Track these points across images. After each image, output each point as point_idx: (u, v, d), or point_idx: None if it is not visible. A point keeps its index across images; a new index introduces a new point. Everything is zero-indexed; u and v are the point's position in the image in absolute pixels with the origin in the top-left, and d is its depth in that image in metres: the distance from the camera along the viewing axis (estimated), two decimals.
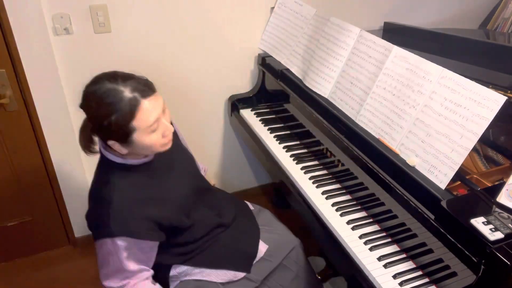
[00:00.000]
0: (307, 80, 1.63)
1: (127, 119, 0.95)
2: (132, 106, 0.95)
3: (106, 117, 0.95)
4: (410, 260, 1.18)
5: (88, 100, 0.98)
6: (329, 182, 1.49)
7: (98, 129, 1.01)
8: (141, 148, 1.03)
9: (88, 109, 0.99)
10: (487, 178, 1.17)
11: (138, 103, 0.95)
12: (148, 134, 1.00)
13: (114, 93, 0.95)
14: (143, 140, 1.00)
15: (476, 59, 1.68)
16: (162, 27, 1.75)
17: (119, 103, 0.94)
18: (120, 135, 0.98)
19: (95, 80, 0.99)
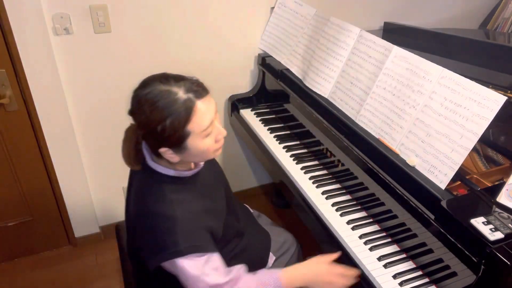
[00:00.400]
0: (307, 80, 1.63)
1: (183, 122, 0.89)
2: (188, 108, 0.89)
3: (160, 122, 0.88)
4: (410, 260, 1.18)
5: (140, 104, 0.89)
6: (329, 182, 1.49)
7: (149, 136, 0.93)
8: (194, 155, 0.97)
9: (140, 115, 0.91)
10: (487, 178, 1.17)
11: (193, 104, 0.89)
12: (202, 138, 0.94)
13: (168, 94, 0.88)
14: (197, 146, 0.94)
15: (476, 59, 1.68)
16: (162, 27, 1.75)
17: (173, 105, 0.88)
18: (174, 140, 0.91)
19: (146, 82, 0.93)
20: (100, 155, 1.93)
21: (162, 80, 0.91)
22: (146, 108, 0.89)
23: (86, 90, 1.75)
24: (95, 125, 1.84)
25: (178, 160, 0.97)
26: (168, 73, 0.95)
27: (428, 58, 1.22)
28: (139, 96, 0.91)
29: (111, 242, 2.09)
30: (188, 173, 1.03)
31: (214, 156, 1.02)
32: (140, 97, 0.91)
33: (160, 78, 0.92)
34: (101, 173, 1.99)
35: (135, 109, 0.92)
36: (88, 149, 1.89)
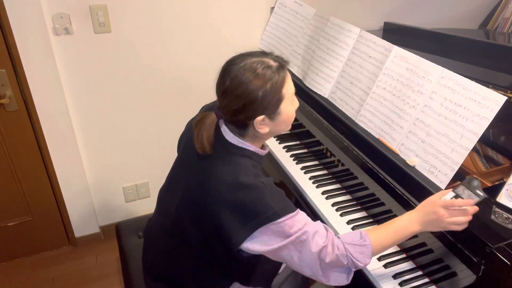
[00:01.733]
0: (307, 80, 1.63)
1: (279, 85, 0.97)
2: (281, 73, 0.98)
3: (262, 87, 0.94)
4: (410, 260, 1.18)
5: (239, 76, 0.95)
6: (329, 182, 1.49)
7: (247, 107, 0.96)
8: (282, 122, 1.03)
9: (238, 87, 0.95)
10: (487, 178, 1.17)
11: (284, 70, 0.99)
12: (290, 104, 1.02)
13: (262, 63, 0.96)
14: (287, 111, 1.01)
15: (476, 59, 1.68)
16: (162, 27, 1.75)
17: (270, 71, 0.96)
18: (273, 104, 0.97)
19: (234, 59, 1.00)
20: (100, 155, 1.93)
21: (251, 54, 1.00)
22: (246, 77, 0.94)
23: (86, 90, 1.75)
24: (95, 125, 1.84)
25: (267, 131, 1.01)
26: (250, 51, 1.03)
27: (428, 58, 1.22)
28: (234, 70, 0.96)
29: (111, 242, 2.09)
30: (262, 151, 1.08)
31: (288, 129, 1.09)
32: (236, 71, 0.96)
33: (247, 53, 1.01)
34: (101, 173, 1.99)
35: (231, 84, 0.96)
36: (88, 149, 1.89)
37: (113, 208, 2.12)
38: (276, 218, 0.94)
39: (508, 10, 2.24)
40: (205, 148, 1.01)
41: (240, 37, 1.93)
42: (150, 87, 1.85)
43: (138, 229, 1.55)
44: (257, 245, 0.97)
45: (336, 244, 0.97)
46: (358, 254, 0.97)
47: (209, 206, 1.00)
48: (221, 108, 1.01)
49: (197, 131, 1.03)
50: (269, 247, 0.96)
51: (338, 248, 0.97)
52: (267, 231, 0.95)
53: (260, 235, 0.96)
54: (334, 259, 0.96)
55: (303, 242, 0.96)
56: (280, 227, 0.95)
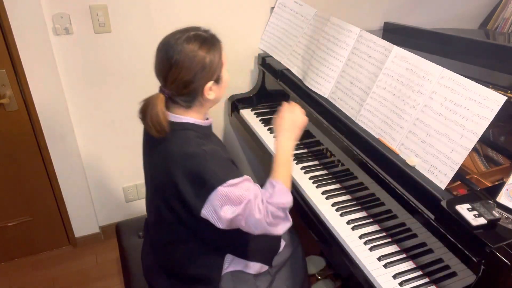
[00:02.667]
0: (307, 80, 1.63)
1: (220, 52, 1.08)
2: (217, 40, 1.09)
3: (207, 55, 1.04)
4: (410, 260, 1.17)
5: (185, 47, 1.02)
6: (329, 182, 1.49)
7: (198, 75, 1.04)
8: (223, 88, 1.14)
9: (187, 57, 1.02)
10: (487, 178, 1.17)
11: (217, 39, 1.10)
12: (226, 71, 1.12)
13: (199, 35, 1.06)
14: (226, 75, 1.12)
15: (476, 59, 1.69)
16: (162, 27, 1.75)
17: (209, 39, 1.06)
18: (218, 70, 1.08)
19: (173, 35, 1.06)
20: (100, 155, 1.93)
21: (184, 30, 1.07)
22: (192, 49, 1.02)
23: (86, 90, 1.75)
24: (95, 124, 1.84)
25: (214, 96, 1.10)
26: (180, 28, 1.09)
27: (428, 58, 1.22)
28: (179, 44, 1.03)
29: (111, 242, 2.09)
30: (205, 122, 1.15)
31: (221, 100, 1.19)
32: (180, 45, 1.03)
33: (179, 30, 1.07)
34: (101, 173, 1.99)
35: (179, 56, 1.02)
36: (88, 149, 1.89)
37: (113, 208, 2.12)
38: (220, 183, 1.00)
39: (508, 10, 2.24)
40: (164, 128, 1.07)
41: (240, 37, 1.93)
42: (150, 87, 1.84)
43: (138, 229, 1.55)
44: (211, 212, 1.03)
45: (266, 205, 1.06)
46: (282, 198, 1.09)
47: (168, 182, 1.07)
48: (169, 84, 1.06)
49: (149, 114, 1.07)
50: (220, 214, 1.02)
51: (270, 205, 1.06)
52: (216, 197, 1.01)
53: (211, 202, 1.01)
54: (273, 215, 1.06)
55: (249, 210, 1.03)
56: (225, 192, 1.01)
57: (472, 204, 0.99)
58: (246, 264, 1.27)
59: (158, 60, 1.07)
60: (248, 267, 1.27)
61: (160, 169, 1.11)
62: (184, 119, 1.10)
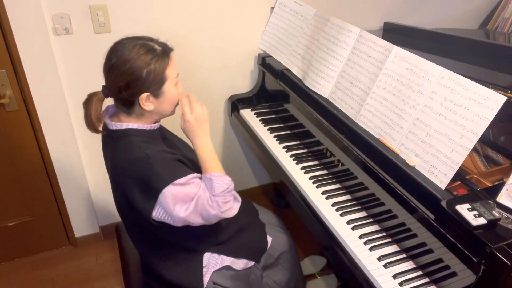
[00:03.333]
0: (307, 80, 1.63)
1: (163, 66, 1.05)
2: (165, 55, 1.06)
3: (146, 66, 1.02)
4: (410, 260, 1.18)
5: (125, 54, 1.02)
6: (329, 182, 1.49)
7: (132, 84, 1.03)
8: (166, 102, 1.10)
9: (124, 65, 1.02)
10: (487, 178, 1.17)
11: (168, 54, 1.08)
12: (173, 86, 1.10)
13: (149, 45, 1.05)
14: (170, 92, 1.09)
15: (476, 59, 1.69)
16: (162, 27, 1.75)
17: (155, 52, 1.04)
18: (157, 83, 1.05)
19: (124, 39, 1.07)
20: (100, 155, 1.92)
21: (139, 37, 1.07)
22: (131, 56, 1.02)
23: (86, 90, 1.74)
24: None
25: (152, 108, 1.08)
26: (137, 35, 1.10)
27: (428, 58, 1.22)
28: (121, 49, 1.03)
29: (111, 242, 2.09)
30: (149, 126, 1.14)
31: (172, 113, 1.17)
32: (123, 50, 1.03)
33: (135, 36, 1.08)
34: (101, 173, 1.99)
35: (117, 62, 1.02)
36: (88, 149, 1.89)
37: (113, 208, 2.11)
38: (167, 184, 1.00)
39: (508, 10, 2.24)
40: (95, 126, 1.10)
41: (240, 37, 1.93)
42: None
43: None
44: (163, 215, 1.04)
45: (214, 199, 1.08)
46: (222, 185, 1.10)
47: (118, 190, 1.11)
48: (107, 85, 1.08)
49: (86, 111, 1.10)
50: (173, 214, 1.03)
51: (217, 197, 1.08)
52: (165, 199, 1.01)
53: (161, 204, 1.02)
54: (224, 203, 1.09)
55: (201, 205, 1.05)
56: (174, 192, 1.01)
57: (472, 204, 1.00)
58: (232, 260, 1.28)
59: (105, 58, 1.07)
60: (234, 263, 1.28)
61: (111, 177, 1.15)
62: (125, 125, 1.10)
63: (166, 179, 1.01)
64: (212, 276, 1.24)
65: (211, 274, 1.24)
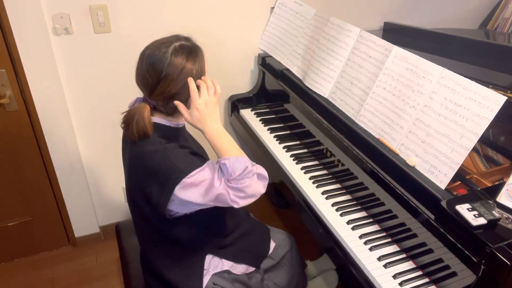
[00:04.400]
0: (307, 80, 1.63)
1: (204, 62, 1.10)
2: (200, 51, 1.10)
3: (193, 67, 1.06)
4: (410, 260, 1.18)
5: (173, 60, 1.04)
6: (329, 182, 1.49)
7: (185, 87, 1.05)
8: None
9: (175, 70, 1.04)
10: (487, 178, 1.17)
11: (199, 48, 1.11)
12: None
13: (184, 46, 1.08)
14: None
15: (476, 59, 1.69)
16: (162, 27, 1.75)
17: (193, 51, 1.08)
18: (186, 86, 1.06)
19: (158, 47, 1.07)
20: (100, 155, 1.93)
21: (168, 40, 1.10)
22: (179, 62, 1.04)
23: (86, 90, 1.75)
24: (95, 125, 1.84)
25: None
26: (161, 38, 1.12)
27: (428, 58, 1.22)
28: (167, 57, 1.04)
29: (111, 242, 2.09)
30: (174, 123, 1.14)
31: None
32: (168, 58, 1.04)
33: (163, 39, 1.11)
34: (101, 173, 1.99)
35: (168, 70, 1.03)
36: (88, 149, 1.89)
37: (113, 208, 2.12)
38: (184, 176, 1.00)
39: (508, 10, 2.24)
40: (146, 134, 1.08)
41: (240, 37, 1.93)
42: None
43: None
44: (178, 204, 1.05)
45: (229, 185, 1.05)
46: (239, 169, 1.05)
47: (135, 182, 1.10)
48: (155, 95, 1.07)
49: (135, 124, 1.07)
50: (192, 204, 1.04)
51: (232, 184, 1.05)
52: (181, 191, 1.01)
53: (178, 196, 1.02)
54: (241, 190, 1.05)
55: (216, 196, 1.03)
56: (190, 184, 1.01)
57: (472, 204, 1.00)
58: (232, 265, 1.28)
59: (142, 72, 1.07)
60: (234, 268, 1.28)
61: (127, 170, 1.14)
62: (158, 120, 1.11)
63: (183, 170, 1.01)
64: (212, 278, 1.24)
65: (210, 276, 1.24)
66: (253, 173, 1.07)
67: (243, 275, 1.29)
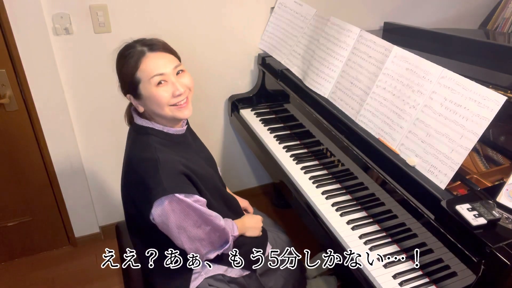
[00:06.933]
0: (307, 80, 1.63)
1: (131, 68, 1.06)
2: (138, 57, 1.06)
3: (118, 69, 1.10)
4: (410, 260, 1.18)
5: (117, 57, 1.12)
6: (329, 182, 1.49)
7: (121, 86, 1.12)
8: (152, 103, 1.07)
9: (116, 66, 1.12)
10: (487, 178, 1.17)
11: (143, 55, 1.06)
12: (154, 86, 1.05)
13: (127, 47, 1.10)
14: (150, 93, 1.05)
15: (476, 59, 1.69)
16: (162, 27, 1.75)
17: (129, 55, 1.07)
18: (130, 85, 1.07)
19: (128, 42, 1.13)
20: (100, 155, 1.93)
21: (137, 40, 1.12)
22: (116, 59, 1.12)
23: (86, 90, 1.75)
24: (95, 125, 1.84)
25: (143, 110, 1.11)
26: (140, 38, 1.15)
27: (428, 58, 1.22)
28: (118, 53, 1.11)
29: (111, 242, 2.09)
30: (173, 130, 1.15)
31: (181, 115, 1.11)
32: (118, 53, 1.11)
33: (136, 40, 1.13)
34: (101, 173, 1.99)
35: None
36: (88, 149, 1.89)
37: (113, 208, 2.12)
38: (164, 194, 1.00)
39: (508, 10, 2.24)
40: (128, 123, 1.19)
41: (240, 37, 1.93)
42: None
43: None
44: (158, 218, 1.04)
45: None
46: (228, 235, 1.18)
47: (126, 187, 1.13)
48: None
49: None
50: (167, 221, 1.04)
51: None
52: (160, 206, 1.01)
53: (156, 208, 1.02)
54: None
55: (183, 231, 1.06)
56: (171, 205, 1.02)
57: (472, 204, 1.00)
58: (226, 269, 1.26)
59: None
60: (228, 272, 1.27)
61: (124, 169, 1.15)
62: (148, 124, 1.12)
63: (166, 189, 1.01)
64: (207, 279, 1.22)
65: (202, 280, 1.22)
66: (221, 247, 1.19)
67: (240, 278, 1.28)
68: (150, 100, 1.07)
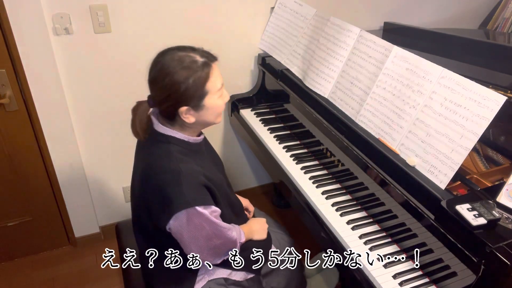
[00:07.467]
0: (307, 80, 1.63)
1: (203, 80, 1.02)
2: (206, 69, 1.02)
3: (184, 81, 1.00)
4: (410, 260, 1.18)
5: (164, 68, 1.01)
6: (329, 182, 1.49)
7: (170, 98, 1.02)
8: (209, 114, 1.08)
9: (164, 78, 1.01)
10: (487, 178, 1.17)
11: (210, 66, 1.04)
12: (218, 98, 1.07)
13: (189, 58, 1.02)
14: (214, 104, 1.06)
15: (476, 59, 1.69)
16: (162, 27, 1.75)
17: (194, 66, 1.01)
18: (196, 98, 1.03)
19: (164, 51, 1.05)
20: (100, 155, 1.93)
21: (179, 48, 1.05)
22: (170, 70, 1.00)
23: (86, 90, 1.75)
24: (95, 125, 1.84)
25: (193, 121, 1.07)
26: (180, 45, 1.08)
27: (428, 58, 1.22)
28: (162, 61, 1.02)
29: (111, 242, 2.09)
30: (193, 139, 1.13)
31: (217, 121, 1.13)
32: (163, 63, 1.02)
33: (176, 48, 1.05)
34: (101, 173, 1.99)
35: (157, 75, 1.02)
36: (88, 149, 1.89)
37: (113, 208, 2.12)
38: (185, 207, 1.01)
39: (508, 10, 2.24)
40: (139, 134, 1.11)
41: (240, 37, 1.93)
42: None
43: None
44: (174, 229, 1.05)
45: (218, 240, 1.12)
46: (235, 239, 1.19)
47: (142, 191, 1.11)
48: (151, 97, 1.08)
49: (132, 118, 1.11)
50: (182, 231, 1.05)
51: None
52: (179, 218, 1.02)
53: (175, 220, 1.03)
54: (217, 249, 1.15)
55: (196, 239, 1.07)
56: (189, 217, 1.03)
57: (472, 204, 1.00)
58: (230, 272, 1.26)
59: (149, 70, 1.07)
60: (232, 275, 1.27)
61: (139, 176, 1.14)
62: (170, 132, 1.09)
63: (188, 201, 1.01)
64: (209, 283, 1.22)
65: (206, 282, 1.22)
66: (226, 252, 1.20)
67: (244, 281, 1.28)
68: (212, 110, 1.07)
